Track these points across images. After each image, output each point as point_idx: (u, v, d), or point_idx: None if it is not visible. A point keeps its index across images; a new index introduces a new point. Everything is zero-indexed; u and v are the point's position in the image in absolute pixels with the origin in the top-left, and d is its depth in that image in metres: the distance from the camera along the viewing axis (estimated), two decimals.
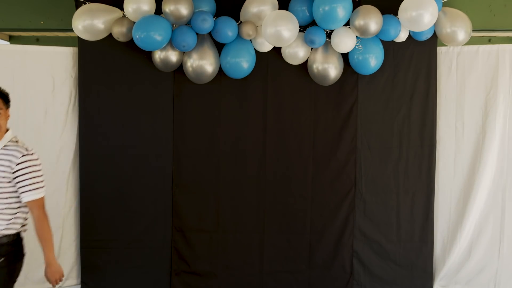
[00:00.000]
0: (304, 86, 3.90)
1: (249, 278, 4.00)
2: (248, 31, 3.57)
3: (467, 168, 3.97)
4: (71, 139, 3.98)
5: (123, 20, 3.59)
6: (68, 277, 4.03)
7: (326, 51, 3.70)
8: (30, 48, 3.96)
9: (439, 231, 4.02)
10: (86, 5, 3.65)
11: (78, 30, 3.62)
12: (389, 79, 3.91)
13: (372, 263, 3.98)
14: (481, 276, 3.98)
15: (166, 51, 3.66)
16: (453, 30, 3.64)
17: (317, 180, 3.96)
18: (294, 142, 3.95)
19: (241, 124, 3.95)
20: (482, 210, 3.95)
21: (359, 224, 3.96)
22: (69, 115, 3.97)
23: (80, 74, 3.89)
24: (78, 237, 3.98)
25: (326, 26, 3.55)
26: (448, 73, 3.95)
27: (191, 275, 4.00)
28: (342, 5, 3.39)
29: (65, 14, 3.97)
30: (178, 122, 3.94)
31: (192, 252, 3.99)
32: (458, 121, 3.97)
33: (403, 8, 3.51)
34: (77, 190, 3.97)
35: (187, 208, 3.97)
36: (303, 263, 4.00)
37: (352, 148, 3.93)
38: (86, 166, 3.91)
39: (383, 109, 3.93)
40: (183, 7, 3.42)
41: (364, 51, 3.66)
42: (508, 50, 3.89)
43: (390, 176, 3.95)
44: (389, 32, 3.61)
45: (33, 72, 3.91)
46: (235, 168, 3.96)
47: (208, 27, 3.52)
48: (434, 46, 3.86)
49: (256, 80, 3.90)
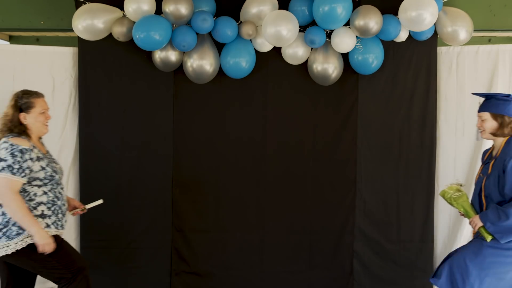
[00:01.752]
0: (304, 86, 3.90)
1: (249, 278, 4.00)
2: (248, 31, 3.57)
3: (467, 168, 3.97)
4: (71, 139, 3.98)
5: (123, 20, 3.59)
6: None
7: (326, 51, 3.70)
8: (30, 48, 3.96)
9: (439, 231, 4.02)
10: (86, 5, 3.65)
11: (78, 30, 3.62)
12: (389, 79, 3.91)
13: (372, 263, 3.98)
14: None
15: (166, 51, 3.66)
16: (454, 29, 3.64)
17: (317, 180, 3.96)
18: (294, 142, 3.95)
19: (241, 124, 3.95)
20: None
21: (359, 224, 3.96)
22: (69, 115, 3.97)
23: (80, 74, 3.89)
24: (78, 237, 3.98)
25: (326, 26, 3.55)
26: (448, 73, 3.95)
27: (191, 275, 4.00)
28: (342, 5, 3.39)
29: (65, 14, 3.97)
30: (178, 122, 3.94)
31: (192, 252, 3.99)
32: (458, 121, 3.97)
33: (403, 8, 3.51)
34: (77, 190, 3.97)
35: (187, 208, 3.97)
36: (303, 263, 4.00)
37: (352, 148, 3.93)
38: (86, 166, 3.91)
39: (383, 109, 3.93)
40: (183, 7, 3.42)
41: (364, 51, 3.66)
42: (508, 50, 3.89)
43: (390, 176, 3.94)
44: (389, 32, 3.61)
45: (33, 72, 3.91)
46: (235, 168, 3.96)
47: (208, 27, 3.52)
48: (434, 46, 3.86)
49: (256, 80, 3.90)
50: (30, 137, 2.81)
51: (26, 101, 2.82)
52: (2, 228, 2.70)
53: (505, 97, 2.89)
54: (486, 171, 2.95)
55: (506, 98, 2.89)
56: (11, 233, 2.69)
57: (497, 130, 2.90)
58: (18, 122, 2.79)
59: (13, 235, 2.69)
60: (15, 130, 2.77)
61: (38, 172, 2.75)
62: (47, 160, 2.84)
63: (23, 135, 2.78)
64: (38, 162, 2.76)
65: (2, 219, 2.71)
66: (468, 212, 2.97)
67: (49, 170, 2.80)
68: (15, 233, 2.69)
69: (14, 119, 2.79)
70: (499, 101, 2.89)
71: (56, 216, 2.83)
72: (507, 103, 2.88)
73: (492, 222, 2.78)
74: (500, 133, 2.90)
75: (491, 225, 2.78)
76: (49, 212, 2.79)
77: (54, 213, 2.81)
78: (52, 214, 2.81)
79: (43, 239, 2.69)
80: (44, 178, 2.78)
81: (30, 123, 2.81)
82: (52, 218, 2.80)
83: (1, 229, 2.70)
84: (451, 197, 3.03)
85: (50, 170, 2.81)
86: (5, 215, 2.71)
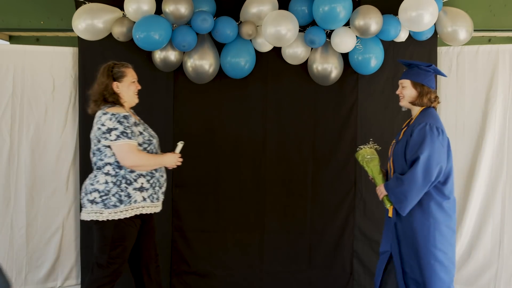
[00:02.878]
0: (304, 86, 3.90)
1: (249, 278, 4.00)
2: (248, 31, 3.57)
3: (466, 168, 3.97)
4: (71, 139, 3.98)
5: (123, 20, 3.59)
6: (68, 277, 4.03)
7: (326, 51, 3.70)
8: (30, 48, 3.96)
9: None
10: (86, 5, 3.65)
11: (78, 30, 3.62)
12: (389, 79, 3.91)
13: (372, 263, 3.97)
14: (481, 276, 3.97)
15: (166, 51, 3.66)
16: (454, 29, 3.64)
17: (317, 180, 3.96)
18: (294, 142, 3.95)
19: (241, 124, 3.94)
20: (482, 210, 3.95)
21: (359, 224, 3.96)
22: (69, 115, 3.98)
23: (80, 74, 3.89)
24: (78, 237, 3.98)
25: (326, 26, 3.55)
26: (448, 73, 3.95)
27: (191, 275, 4.00)
28: (342, 5, 3.40)
29: (65, 14, 3.97)
30: (178, 122, 3.94)
31: (192, 252, 3.99)
32: (458, 121, 3.97)
33: (403, 8, 3.52)
34: (77, 190, 3.97)
35: (187, 208, 3.97)
36: (303, 263, 4.00)
37: (352, 148, 3.92)
38: (86, 166, 3.90)
39: (383, 109, 3.93)
40: (183, 7, 3.42)
41: (364, 51, 3.66)
42: (508, 50, 3.89)
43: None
44: (389, 32, 3.61)
45: (33, 72, 3.91)
46: (235, 168, 3.96)
47: (208, 27, 3.52)
48: (434, 46, 3.86)
49: (256, 80, 3.90)
50: (123, 106, 2.92)
51: (118, 71, 2.93)
52: (103, 195, 2.81)
53: (427, 67, 2.93)
54: (397, 138, 2.99)
55: (428, 69, 2.93)
56: (109, 203, 2.80)
57: (416, 99, 2.93)
58: (112, 90, 2.89)
59: (110, 205, 2.80)
60: (109, 99, 2.88)
61: (138, 137, 2.86)
62: (143, 126, 2.97)
63: (118, 104, 2.89)
64: (136, 127, 2.87)
65: (105, 187, 2.81)
66: (376, 178, 2.98)
67: (146, 135, 2.93)
68: (112, 204, 2.80)
69: (109, 87, 2.89)
70: (420, 70, 2.93)
71: (153, 189, 2.93)
72: (428, 74, 2.92)
73: (391, 190, 2.82)
74: (418, 103, 2.93)
75: (391, 194, 2.82)
76: (148, 185, 2.89)
77: (152, 186, 2.91)
78: (150, 187, 2.90)
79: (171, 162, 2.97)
80: (143, 143, 2.89)
81: (122, 91, 2.92)
82: (149, 191, 2.91)
83: (102, 196, 2.81)
84: (363, 159, 3.04)
85: (147, 134, 2.95)
86: (108, 183, 2.81)
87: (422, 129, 2.77)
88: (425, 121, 2.80)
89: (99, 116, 2.84)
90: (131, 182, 2.83)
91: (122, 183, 2.82)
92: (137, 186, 2.84)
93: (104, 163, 2.84)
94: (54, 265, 4.00)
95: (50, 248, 3.98)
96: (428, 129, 2.77)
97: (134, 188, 2.83)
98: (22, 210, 3.92)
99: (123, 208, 2.81)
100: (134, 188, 2.83)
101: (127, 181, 2.83)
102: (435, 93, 2.95)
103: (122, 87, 2.92)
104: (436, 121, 2.83)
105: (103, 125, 2.80)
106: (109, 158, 2.83)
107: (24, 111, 3.90)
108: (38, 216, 3.96)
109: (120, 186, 2.82)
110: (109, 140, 2.79)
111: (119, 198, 2.80)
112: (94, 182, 2.85)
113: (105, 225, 2.81)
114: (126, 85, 2.93)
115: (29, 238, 3.96)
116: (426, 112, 2.90)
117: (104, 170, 2.84)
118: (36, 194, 3.95)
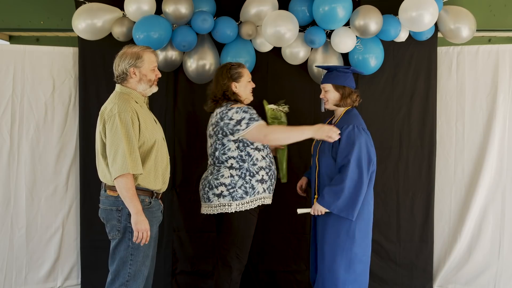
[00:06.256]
0: (304, 86, 3.90)
1: (249, 278, 4.00)
2: (248, 31, 3.57)
3: (467, 168, 3.97)
4: (71, 139, 3.98)
5: (123, 20, 3.59)
6: (68, 277, 4.03)
7: (326, 51, 3.70)
8: (30, 48, 3.95)
9: (439, 231, 4.02)
10: (86, 5, 3.65)
11: (78, 30, 3.62)
12: (389, 79, 3.90)
13: (372, 263, 3.96)
14: (481, 276, 3.98)
15: (166, 51, 3.66)
16: (457, 26, 3.64)
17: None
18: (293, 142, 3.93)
19: None
20: (482, 210, 3.95)
21: None
22: (69, 115, 3.98)
23: (80, 74, 3.89)
24: (78, 237, 3.98)
25: (326, 26, 3.55)
26: (448, 73, 3.95)
27: (191, 275, 3.99)
28: (342, 5, 3.40)
29: (65, 14, 3.97)
30: (178, 122, 3.94)
31: (192, 252, 3.99)
32: (458, 121, 3.97)
33: (403, 8, 3.51)
34: (77, 190, 3.97)
35: (187, 208, 3.96)
36: (303, 263, 4.00)
37: None
38: (86, 166, 3.91)
39: (383, 109, 3.93)
40: (183, 7, 3.42)
41: (364, 51, 3.66)
42: (508, 50, 3.89)
43: (390, 176, 3.94)
44: (389, 32, 3.61)
45: (33, 72, 3.91)
46: None
47: (208, 27, 3.53)
48: (434, 46, 3.86)
49: (256, 80, 3.87)
50: (243, 103, 3.12)
51: (236, 72, 3.13)
52: (230, 188, 2.99)
53: (345, 69, 3.09)
54: None
55: (346, 70, 3.09)
56: (236, 195, 2.99)
57: (340, 101, 3.12)
58: (232, 91, 3.10)
59: (237, 197, 2.99)
60: (231, 98, 3.09)
61: None
62: None
63: (238, 102, 3.10)
64: None
65: (231, 180, 3.00)
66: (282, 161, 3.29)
67: None
68: (240, 196, 2.99)
69: (230, 88, 3.09)
70: (340, 72, 3.09)
71: (270, 181, 3.12)
72: (348, 75, 3.09)
73: (334, 204, 2.92)
74: (343, 104, 3.13)
75: (335, 207, 2.92)
76: (267, 178, 3.09)
77: (269, 178, 3.11)
78: (268, 179, 3.10)
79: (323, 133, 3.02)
80: None
81: (240, 91, 3.12)
82: (268, 183, 3.10)
83: (229, 189, 2.99)
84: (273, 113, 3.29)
85: None
86: (233, 177, 3.00)
87: (350, 132, 2.99)
88: (351, 123, 3.00)
89: (225, 112, 3.01)
90: (254, 174, 3.02)
91: (247, 176, 3.01)
92: (259, 178, 3.03)
93: (227, 157, 3.02)
94: (54, 265, 4.00)
95: (50, 248, 3.98)
96: (356, 132, 2.99)
97: (257, 180, 3.02)
98: (22, 210, 3.92)
99: (249, 199, 3.01)
100: (256, 180, 3.02)
101: (251, 173, 3.02)
102: (356, 93, 3.13)
103: (240, 86, 3.12)
104: (360, 122, 3.07)
105: (231, 119, 2.98)
106: (233, 152, 3.01)
107: (24, 111, 3.90)
108: (38, 216, 3.96)
109: (244, 179, 3.00)
110: (241, 131, 2.97)
111: (245, 190, 3.00)
112: (218, 176, 3.02)
113: (233, 217, 3.00)
114: (243, 85, 3.14)
115: (29, 238, 3.96)
116: (350, 114, 3.09)
117: (227, 164, 3.02)
118: (36, 194, 3.95)
